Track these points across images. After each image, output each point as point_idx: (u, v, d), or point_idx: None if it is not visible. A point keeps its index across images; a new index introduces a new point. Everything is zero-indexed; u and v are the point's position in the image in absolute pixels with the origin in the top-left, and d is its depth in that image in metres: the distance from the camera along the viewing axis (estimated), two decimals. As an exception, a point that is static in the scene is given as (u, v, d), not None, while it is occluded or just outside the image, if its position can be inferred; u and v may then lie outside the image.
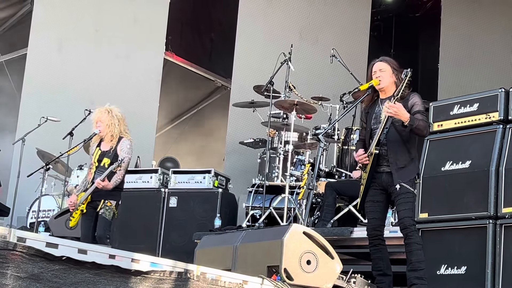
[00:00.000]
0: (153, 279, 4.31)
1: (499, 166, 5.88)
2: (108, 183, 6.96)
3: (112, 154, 7.06)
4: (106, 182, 6.94)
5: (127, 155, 7.10)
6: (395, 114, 5.60)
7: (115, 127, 7.10)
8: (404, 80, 5.67)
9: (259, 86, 9.28)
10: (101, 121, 7.13)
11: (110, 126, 7.09)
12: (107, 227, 7.00)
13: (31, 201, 9.79)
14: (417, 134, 5.79)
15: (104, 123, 7.11)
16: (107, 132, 7.11)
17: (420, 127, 5.68)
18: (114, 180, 6.99)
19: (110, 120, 7.10)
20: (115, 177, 7.00)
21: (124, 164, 7.05)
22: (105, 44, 11.62)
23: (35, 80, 11.38)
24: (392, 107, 5.59)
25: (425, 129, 5.79)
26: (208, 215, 8.85)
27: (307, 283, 5.10)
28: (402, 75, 5.71)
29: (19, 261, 3.82)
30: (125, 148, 7.11)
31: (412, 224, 5.71)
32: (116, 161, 6.99)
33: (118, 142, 7.12)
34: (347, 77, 9.65)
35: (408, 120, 5.59)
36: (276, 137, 9.04)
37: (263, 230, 6.45)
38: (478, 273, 5.77)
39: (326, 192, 7.88)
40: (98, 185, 6.90)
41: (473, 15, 12.18)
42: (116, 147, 7.10)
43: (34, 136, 9.33)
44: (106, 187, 6.96)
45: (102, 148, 7.18)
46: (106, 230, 6.98)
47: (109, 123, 7.10)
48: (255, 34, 11.76)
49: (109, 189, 6.98)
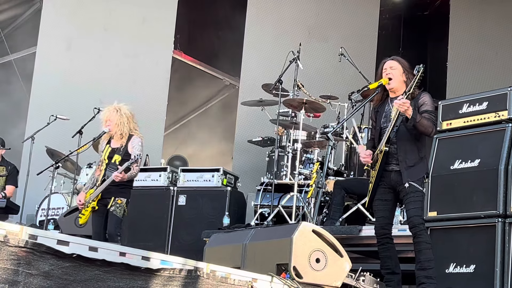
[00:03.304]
0: (163, 277, 4.32)
1: (508, 164, 5.88)
2: (125, 175, 6.96)
3: (123, 152, 7.07)
4: (123, 174, 6.94)
5: (139, 152, 7.12)
6: (405, 110, 5.58)
7: (124, 125, 7.12)
8: (416, 76, 5.64)
9: (267, 85, 9.30)
10: (110, 120, 7.14)
11: (119, 125, 7.11)
12: (118, 224, 7.00)
13: (41, 199, 9.83)
14: (421, 132, 5.76)
15: (113, 122, 7.12)
16: (117, 130, 7.12)
17: (423, 124, 5.64)
18: (129, 174, 7.01)
19: (119, 119, 7.12)
20: (130, 172, 7.02)
21: (141, 161, 7.08)
22: (114, 42, 11.65)
23: (44, 78, 11.42)
24: (405, 103, 5.55)
25: (430, 127, 5.73)
26: (217, 214, 8.87)
27: (316, 281, 5.11)
28: (414, 71, 5.69)
29: (30, 258, 3.84)
30: (136, 145, 7.13)
31: (421, 223, 5.70)
32: (128, 159, 7.00)
33: (129, 139, 7.13)
34: (355, 75, 9.65)
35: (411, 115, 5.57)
36: (285, 136, 9.05)
37: (272, 228, 6.46)
38: (486, 271, 5.77)
39: (335, 191, 7.89)
40: (116, 178, 6.90)
41: (482, 13, 12.16)
42: (127, 144, 7.12)
43: (43, 135, 9.38)
44: (123, 178, 6.96)
45: (112, 146, 7.19)
46: (117, 227, 6.98)
47: (118, 121, 7.11)
48: (263, 33, 11.77)
49: (124, 180, 6.98)
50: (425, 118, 5.67)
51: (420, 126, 5.66)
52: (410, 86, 5.65)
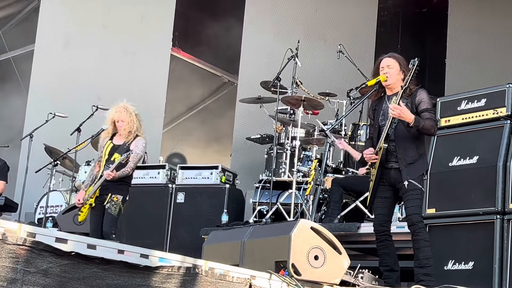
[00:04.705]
0: (161, 275, 4.33)
1: (506, 161, 5.88)
2: (116, 173, 6.96)
3: (125, 151, 7.06)
4: (114, 172, 6.95)
5: (140, 152, 7.13)
6: (399, 116, 5.57)
7: (134, 123, 7.15)
8: (412, 69, 5.61)
9: (266, 82, 9.29)
10: (122, 121, 7.14)
11: (129, 123, 7.13)
12: (113, 223, 6.98)
13: (39, 197, 9.82)
14: (424, 134, 5.77)
15: (125, 122, 7.14)
16: (126, 128, 7.13)
17: (427, 127, 5.64)
18: (121, 171, 7.00)
19: (129, 117, 7.15)
20: (123, 169, 7.01)
21: (133, 157, 7.05)
22: (112, 40, 11.64)
23: (42, 76, 11.40)
24: (396, 108, 5.55)
25: (433, 128, 5.73)
26: (215, 211, 8.88)
27: (315, 278, 5.11)
28: (410, 65, 5.64)
29: (29, 256, 3.84)
30: (140, 145, 7.14)
31: (420, 221, 5.69)
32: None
33: (133, 139, 7.14)
34: (354, 72, 9.66)
35: (413, 121, 5.57)
36: (283, 133, 9.05)
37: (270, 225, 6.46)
38: (485, 268, 5.77)
39: (333, 189, 7.88)
40: (108, 176, 6.91)
41: (480, 10, 12.16)
42: (131, 143, 7.12)
43: (42, 132, 9.37)
44: (114, 177, 6.96)
45: (115, 142, 7.19)
46: (112, 226, 6.96)
47: (129, 120, 7.14)
48: (262, 30, 11.76)
49: (115, 179, 6.98)
50: (427, 120, 5.65)
51: (423, 130, 5.66)
52: (406, 81, 5.62)
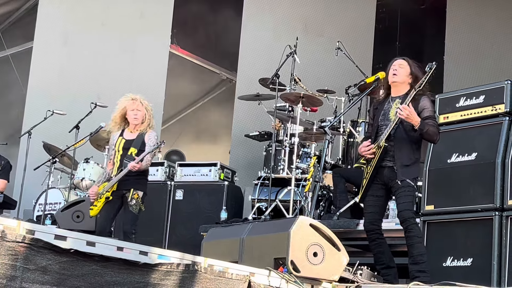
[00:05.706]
0: (160, 272, 4.33)
1: (505, 158, 5.88)
2: (141, 164, 6.94)
3: (139, 144, 7.05)
4: (140, 164, 6.91)
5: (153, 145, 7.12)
6: (406, 117, 5.58)
7: (152, 116, 7.22)
8: (428, 73, 5.62)
9: (264, 79, 9.29)
10: (139, 110, 7.15)
11: (145, 114, 7.16)
12: (134, 221, 6.90)
13: (38, 194, 9.80)
14: (426, 139, 5.79)
15: (142, 112, 7.15)
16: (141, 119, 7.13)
17: (430, 133, 5.68)
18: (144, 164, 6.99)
19: (145, 110, 7.18)
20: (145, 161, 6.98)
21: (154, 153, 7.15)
22: (111, 37, 11.63)
23: (41, 73, 11.40)
24: (405, 109, 5.56)
25: (435, 135, 5.77)
26: (214, 208, 8.88)
27: (314, 275, 5.11)
28: (426, 68, 5.65)
29: (28, 253, 3.85)
30: (153, 138, 7.11)
31: (411, 217, 5.70)
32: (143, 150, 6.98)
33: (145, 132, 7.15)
34: (352, 69, 9.65)
35: (418, 125, 5.59)
36: (282, 130, 9.05)
37: (269, 222, 6.47)
38: (484, 265, 5.78)
39: (335, 180, 7.83)
40: (134, 168, 6.85)
41: (479, 7, 12.15)
42: (144, 136, 7.11)
43: (40, 129, 9.37)
44: (140, 168, 6.92)
45: (126, 137, 7.15)
46: (133, 225, 6.88)
47: (144, 111, 7.16)
48: (260, 27, 11.75)
49: (140, 170, 6.94)
50: (431, 126, 5.68)
51: (426, 135, 5.69)
52: (421, 83, 5.62)
